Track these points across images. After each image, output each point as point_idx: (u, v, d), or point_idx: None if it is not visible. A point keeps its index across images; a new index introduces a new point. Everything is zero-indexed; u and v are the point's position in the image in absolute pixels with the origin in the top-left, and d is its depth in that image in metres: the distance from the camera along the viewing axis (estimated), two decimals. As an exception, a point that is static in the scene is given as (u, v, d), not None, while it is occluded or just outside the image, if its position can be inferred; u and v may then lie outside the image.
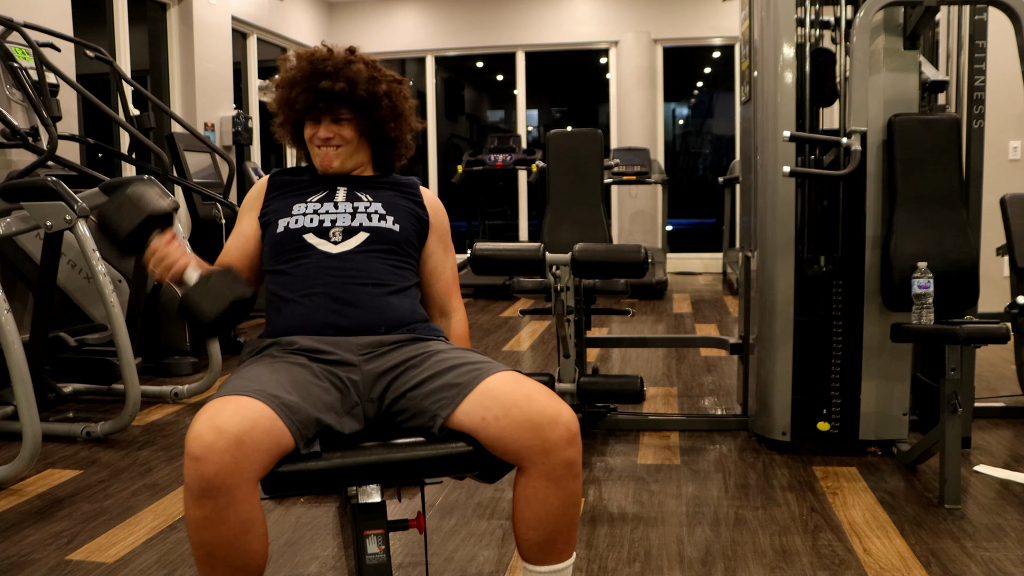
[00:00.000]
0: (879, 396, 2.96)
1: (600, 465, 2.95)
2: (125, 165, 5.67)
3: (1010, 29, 2.67)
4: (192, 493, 1.34)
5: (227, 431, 1.34)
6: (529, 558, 1.56)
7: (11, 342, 2.62)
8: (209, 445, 1.32)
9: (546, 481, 1.49)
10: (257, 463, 1.37)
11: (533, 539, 1.54)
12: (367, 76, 1.80)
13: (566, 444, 1.47)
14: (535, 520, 1.52)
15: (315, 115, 1.81)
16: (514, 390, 1.52)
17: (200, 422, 1.36)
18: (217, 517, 1.35)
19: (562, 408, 1.50)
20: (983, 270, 2.84)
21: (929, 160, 2.79)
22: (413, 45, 9.04)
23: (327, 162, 1.82)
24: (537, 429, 1.47)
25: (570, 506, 1.53)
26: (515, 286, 3.50)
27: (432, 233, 1.88)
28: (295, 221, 1.75)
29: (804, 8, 2.95)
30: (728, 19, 8.29)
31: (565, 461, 1.48)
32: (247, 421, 1.37)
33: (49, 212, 3.01)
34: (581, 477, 1.53)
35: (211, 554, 1.38)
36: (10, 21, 4.16)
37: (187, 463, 1.34)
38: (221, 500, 1.34)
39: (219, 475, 1.33)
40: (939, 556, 2.18)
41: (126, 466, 2.98)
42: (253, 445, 1.36)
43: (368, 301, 1.69)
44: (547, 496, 1.50)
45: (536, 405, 1.49)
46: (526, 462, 1.49)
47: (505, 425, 1.48)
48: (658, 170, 7.66)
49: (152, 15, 6.25)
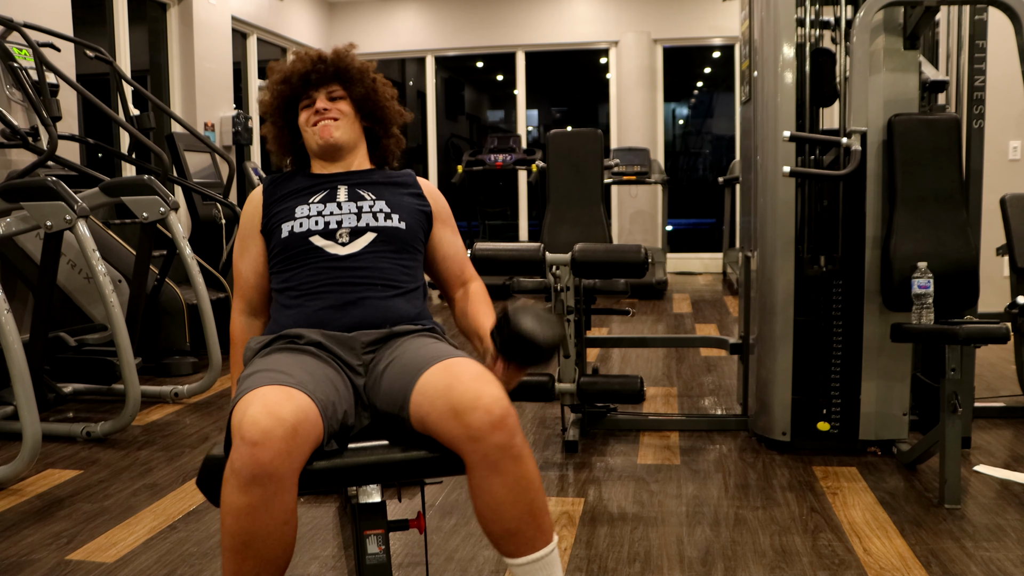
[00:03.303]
0: (879, 396, 2.96)
1: (600, 465, 2.95)
2: (125, 165, 5.67)
3: (1010, 29, 2.67)
4: (242, 479, 1.32)
5: (285, 419, 1.34)
6: (502, 550, 1.51)
7: (11, 342, 2.62)
8: (267, 431, 1.31)
9: (485, 470, 1.42)
10: (303, 455, 1.38)
11: (495, 531, 1.47)
12: (355, 56, 1.89)
13: (491, 428, 1.40)
14: (488, 512, 1.46)
15: (310, 96, 1.84)
16: (440, 379, 1.48)
17: (255, 407, 1.34)
18: (263, 506, 1.33)
19: (483, 390, 1.43)
20: (983, 270, 2.84)
21: (929, 160, 2.79)
22: (413, 45, 9.04)
23: (327, 133, 1.82)
24: (459, 417, 1.42)
25: (521, 491, 1.44)
26: (515, 286, 3.50)
27: (437, 220, 1.88)
28: (299, 224, 1.74)
29: (804, 8, 2.95)
30: (728, 19, 8.29)
31: (496, 445, 1.41)
32: (300, 412, 1.37)
33: (49, 212, 3.00)
34: (526, 459, 1.44)
35: (247, 544, 1.36)
36: (10, 21, 4.16)
37: (240, 448, 1.32)
38: (270, 488, 1.33)
39: (274, 462, 1.32)
40: (939, 556, 2.18)
41: (126, 466, 2.98)
42: (304, 436, 1.36)
43: (375, 302, 1.69)
44: (490, 484, 1.43)
45: (455, 392, 1.44)
46: (461, 452, 1.44)
47: (435, 418, 1.45)
48: (658, 170, 7.66)
49: (152, 15, 6.25)
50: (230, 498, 1.34)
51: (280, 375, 1.47)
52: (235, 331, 1.83)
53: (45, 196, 3.01)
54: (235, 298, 1.84)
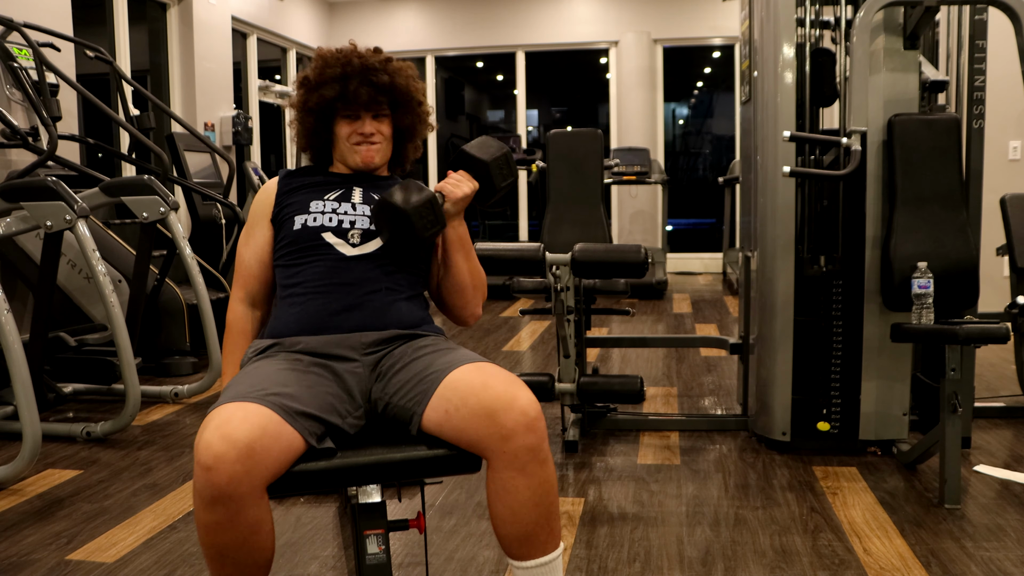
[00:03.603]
0: (879, 396, 2.96)
1: (600, 465, 2.95)
2: (125, 165, 5.67)
3: (1010, 29, 2.67)
4: (203, 499, 1.35)
5: (238, 440, 1.34)
6: (512, 554, 1.53)
7: (11, 342, 2.62)
8: (220, 455, 1.33)
9: (511, 471, 1.45)
10: (267, 469, 1.38)
11: (512, 534, 1.50)
12: (407, 73, 1.84)
13: (524, 430, 1.44)
14: (508, 513, 1.49)
15: (356, 111, 1.79)
16: (473, 379, 1.50)
17: (209, 431, 1.36)
18: (228, 522, 1.36)
19: (519, 393, 1.47)
20: (983, 270, 2.84)
21: (929, 160, 2.79)
22: (413, 45, 9.04)
23: (369, 158, 1.80)
24: (492, 416, 1.44)
25: (543, 494, 1.48)
26: (515, 286, 3.50)
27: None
28: (313, 219, 1.74)
29: (804, 8, 2.95)
30: (728, 19, 8.30)
31: (526, 447, 1.45)
32: (256, 429, 1.37)
33: (49, 212, 3.00)
34: (550, 463, 1.49)
35: (222, 554, 1.40)
36: (10, 21, 4.16)
37: (197, 471, 1.34)
38: (231, 507, 1.35)
39: (230, 484, 1.33)
40: (939, 556, 2.18)
41: (126, 466, 2.98)
42: (263, 452, 1.37)
43: (376, 306, 1.69)
44: (515, 486, 1.46)
45: (491, 392, 1.47)
46: (488, 452, 1.47)
47: (464, 415, 1.47)
48: (658, 170, 7.66)
49: (152, 15, 6.25)
50: (198, 515, 1.38)
51: (252, 388, 1.47)
52: (232, 320, 1.81)
53: (45, 196, 3.01)
54: (235, 286, 1.83)
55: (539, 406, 1.48)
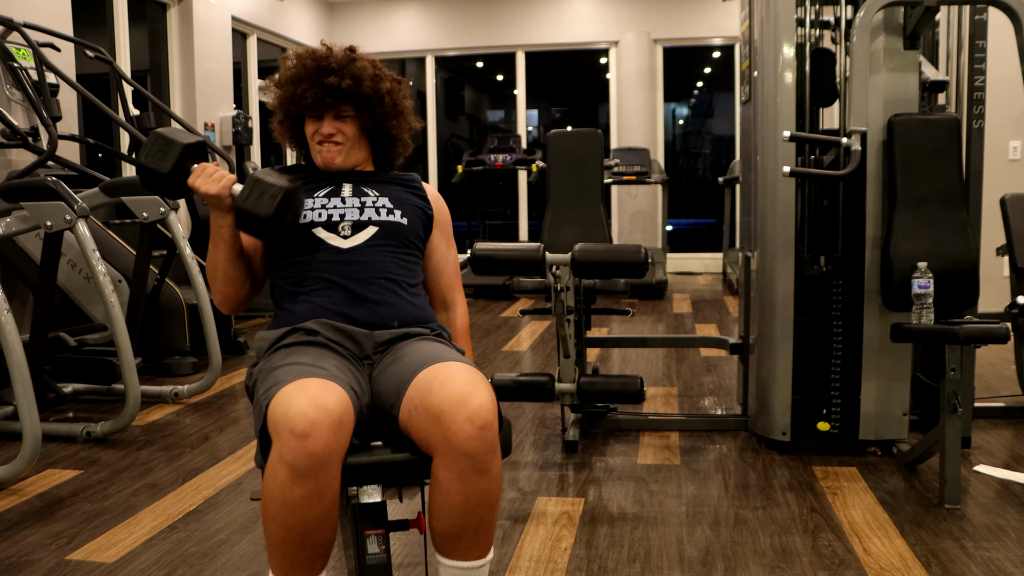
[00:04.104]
0: (879, 396, 2.96)
1: (600, 465, 2.95)
2: (125, 165, 5.67)
3: (1010, 29, 2.67)
4: (295, 472, 1.33)
5: (332, 410, 1.36)
6: (437, 548, 1.52)
7: (11, 342, 2.62)
8: (315, 422, 1.33)
9: (449, 472, 1.42)
10: (346, 444, 1.40)
11: (438, 530, 1.49)
12: (371, 73, 1.81)
13: (466, 438, 1.39)
14: (438, 511, 1.47)
15: (318, 111, 1.80)
16: (433, 378, 1.48)
17: (301, 400, 1.36)
18: (316, 496, 1.36)
19: (472, 397, 1.41)
20: (983, 270, 2.84)
21: (929, 160, 2.79)
22: (413, 45, 9.04)
23: (329, 159, 1.82)
24: (439, 418, 1.41)
25: (476, 504, 1.44)
26: (515, 286, 3.50)
27: (436, 228, 1.89)
28: (303, 216, 1.75)
29: (804, 8, 2.95)
30: (728, 19, 8.29)
31: (466, 454, 1.40)
32: (343, 403, 1.40)
33: (49, 212, 3.00)
34: (491, 474, 1.43)
35: (304, 535, 1.39)
36: (10, 21, 4.16)
37: (288, 441, 1.33)
38: (322, 478, 1.35)
39: (325, 452, 1.34)
40: (939, 556, 2.18)
41: (126, 466, 2.97)
42: (347, 425, 1.39)
43: (382, 297, 1.70)
44: (449, 489, 1.43)
45: (444, 392, 1.43)
46: (433, 452, 1.44)
47: (421, 414, 1.46)
48: (658, 170, 7.66)
49: (152, 15, 6.25)
50: (282, 492, 1.36)
51: (313, 368, 1.49)
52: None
53: (45, 196, 3.01)
54: None
55: (491, 412, 1.42)
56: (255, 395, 1.57)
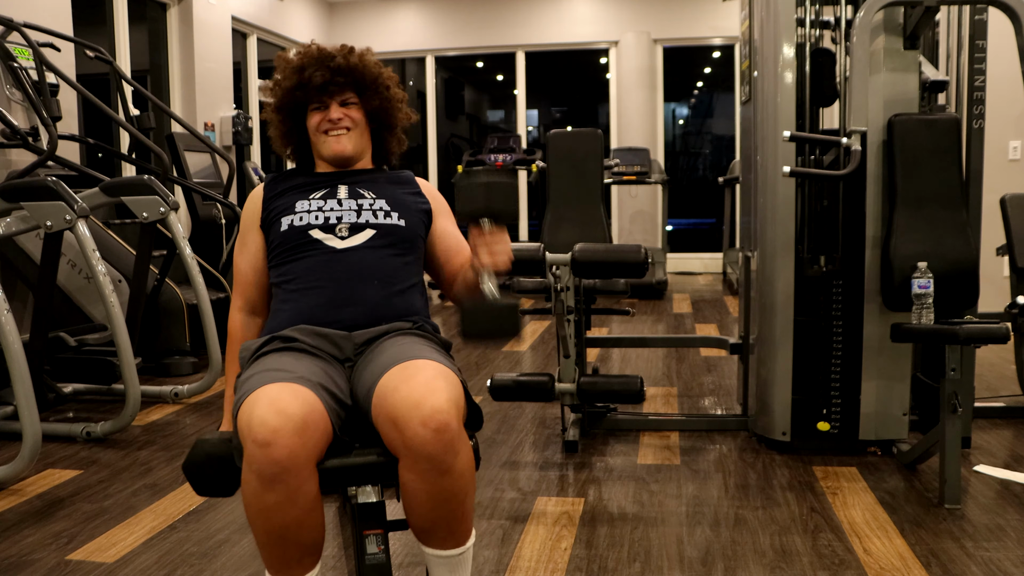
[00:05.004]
0: (879, 396, 2.96)
1: (600, 465, 2.95)
2: (125, 165, 5.67)
3: (1010, 29, 2.67)
4: (263, 479, 1.34)
5: (293, 414, 1.36)
6: (417, 537, 1.53)
7: (11, 342, 2.62)
8: (277, 429, 1.33)
9: (412, 474, 1.42)
10: (316, 445, 1.39)
11: (413, 523, 1.49)
12: (372, 60, 1.86)
13: (422, 442, 1.37)
14: (409, 507, 1.47)
15: (323, 99, 1.81)
16: (392, 379, 1.47)
17: (261, 408, 1.36)
18: (288, 501, 1.36)
19: (427, 399, 1.39)
20: (983, 270, 2.84)
21: (929, 160, 2.79)
22: (413, 45, 9.04)
23: (339, 148, 1.81)
24: (395, 422, 1.41)
25: (443, 501, 1.43)
26: (515, 286, 3.50)
27: (437, 216, 1.88)
28: (299, 218, 1.75)
29: (804, 8, 2.95)
30: (728, 19, 8.29)
31: (426, 456, 1.39)
32: (306, 404, 1.39)
33: (49, 212, 3.00)
34: (454, 472, 1.41)
35: (282, 537, 1.40)
36: (10, 21, 4.16)
37: (252, 451, 1.34)
38: (291, 483, 1.35)
39: (290, 458, 1.34)
40: (939, 556, 2.18)
41: (126, 466, 2.98)
42: (314, 427, 1.39)
43: (370, 299, 1.69)
44: (414, 488, 1.43)
45: (399, 396, 1.42)
46: (397, 454, 1.44)
47: (382, 418, 1.45)
48: (658, 170, 7.66)
49: (152, 15, 6.25)
50: (256, 498, 1.37)
51: (280, 372, 1.48)
52: (233, 328, 1.82)
53: (45, 196, 3.01)
54: (234, 295, 1.84)
55: (449, 414, 1.39)
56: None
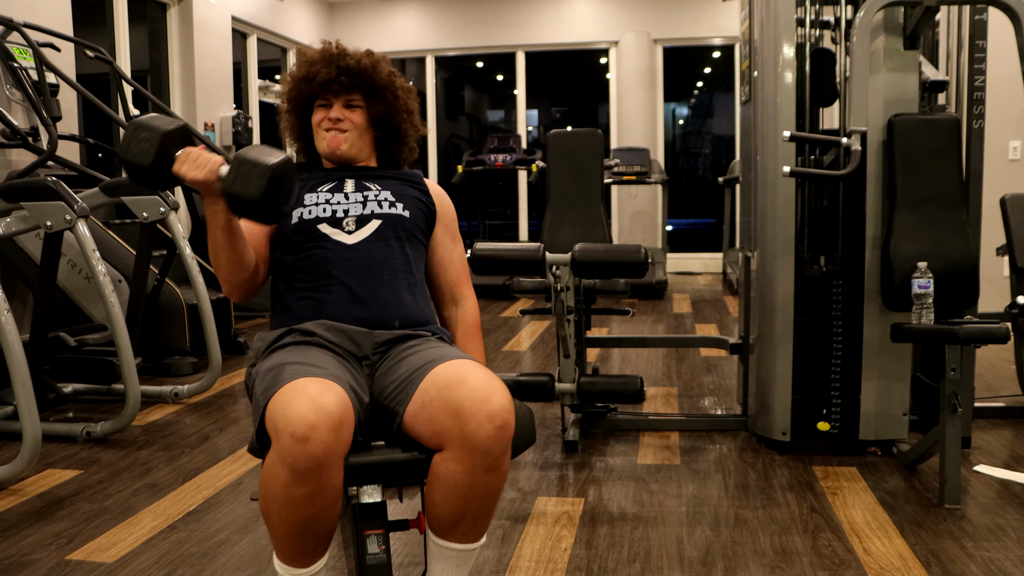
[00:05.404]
0: (879, 396, 2.96)
1: (600, 465, 2.95)
2: (125, 165, 5.66)
3: (1010, 29, 2.67)
4: (296, 473, 1.36)
5: (331, 412, 1.38)
6: (434, 529, 1.55)
7: (11, 342, 2.62)
8: (315, 425, 1.35)
9: (460, 466, 1.46)
10: (348, 441, 1.42)
11: (437, 516, 1.52)
12: (387, 68, 1.86)
13: (484, 437, 1.43)
14: (440, 499, 1.50)
15: (328, 96, 1.82)
16: (452, 374, 1.50)
17: (300, 404, 1.37)
18: (318, 494, 1.39)
19: (492, 396, 1.45)
20: (983, 270, 2.84)
21: (929, 160, 2.79)
22: (413, 45, 9.04)
23: (334, 144, 1.82)
24: (458, 414, 1.44)
25: (481, 497, 1.49)
26: (515, 286, 3.50)
27: (439, 223, 1.90)
28: (308, 212, 1.76)
29: (804, 8, 2.95)
30: (728, 19, 8.29)
31: (482, 451, 1.44)
32: (343, 403, 1.41)
33: (49, 212, 3.00)
34: (499, 472, 1.48)
35: (307, 527, 1.43)
36: (10, 21, 4.16)
37: (288, 444, 1.35)
38: (323, 478, 1.38)
39: (326, 454, 1.36)
40: (939, 556, 2.18)
41: (126, 466, 2.97)
42: (347, 424, 1.41)
43: (383, 295, 1.71)
44: (457, 482, 1.47)
45: (464, 388, 1.46)
46: (446, 444, 1.47)
47: (436, 406, 1.48)
48: (658, 170, 7.66)
49: (152, 15, 6.25)
50: (285, 490, 1.39)
51: (312, 368, 1.50)
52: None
53: (45, 196, 3.01)
54: None
55: (510, 412, 1.46)
56: (254, 394, 1.57)
